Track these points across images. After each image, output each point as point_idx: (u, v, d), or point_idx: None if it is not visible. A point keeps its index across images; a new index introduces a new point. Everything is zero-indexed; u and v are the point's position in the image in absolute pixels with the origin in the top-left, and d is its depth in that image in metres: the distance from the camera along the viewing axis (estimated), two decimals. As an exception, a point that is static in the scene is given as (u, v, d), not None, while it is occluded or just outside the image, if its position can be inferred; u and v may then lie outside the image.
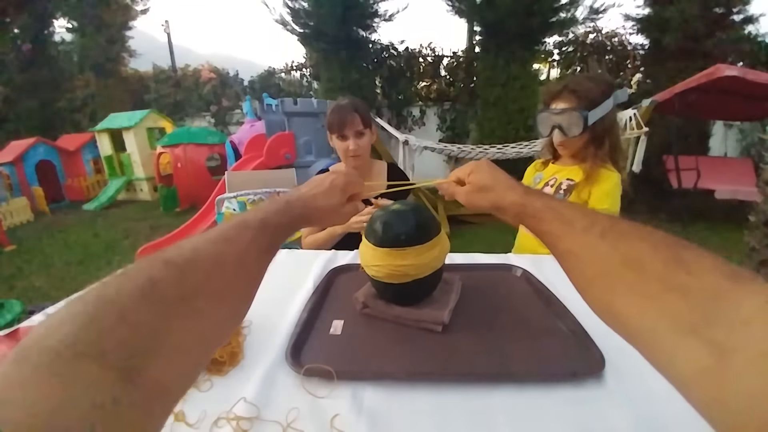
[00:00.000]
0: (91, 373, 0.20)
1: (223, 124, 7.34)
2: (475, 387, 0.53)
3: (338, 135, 1.24)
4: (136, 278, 0.26)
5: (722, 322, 0.23)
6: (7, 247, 3.76)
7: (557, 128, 1.12)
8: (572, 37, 6.15)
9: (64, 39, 7.60)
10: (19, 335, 0.63)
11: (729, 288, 0.24)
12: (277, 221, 0.40)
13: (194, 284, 0.28)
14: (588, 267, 0.34)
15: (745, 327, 0.22)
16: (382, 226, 0.66)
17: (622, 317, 0.29)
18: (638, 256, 0.30)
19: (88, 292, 0.24)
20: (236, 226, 0.36)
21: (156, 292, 0.25)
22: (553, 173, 1.24)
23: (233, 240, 0.34)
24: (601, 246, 0.33)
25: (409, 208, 0.69)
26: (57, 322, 0.22)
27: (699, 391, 0.23)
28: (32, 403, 0.18)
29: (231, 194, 1.80)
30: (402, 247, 0.64)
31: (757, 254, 1.61)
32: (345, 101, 1.25)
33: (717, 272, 0.26)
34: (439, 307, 0.68)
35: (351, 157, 1.24)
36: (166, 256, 0.29)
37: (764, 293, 0.23)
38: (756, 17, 4.81)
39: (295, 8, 5.36)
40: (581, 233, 0.35)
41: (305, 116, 4.15)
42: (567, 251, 0.36)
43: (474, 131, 5.89)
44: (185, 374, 0.27)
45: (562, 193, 1.18)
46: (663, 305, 0.26)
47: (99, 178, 6.37)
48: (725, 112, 4.39)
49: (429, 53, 6.60)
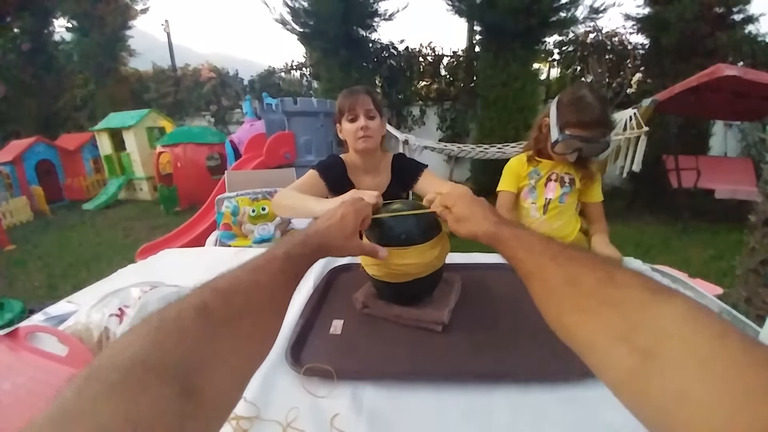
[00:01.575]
0: (157, 389, 0.22)
1: (223, 123, 7.34)
2: (474, 387, 0.53)
3: (349, 116, 1.15)
4: (192, 302, 0.30)
5: (646, 331, 0.26)
6: (7, 246, 3.76)
7: (578, 150, 1.16)
8: (572, 37, 6.15)
9: (64, 39, 7.58)
10: (19, 335, 0.63)
11: (652, 300, 0.28)
12: (299, 252, 0.45)
13: (238, 306, 0.33)
14: (541, 285, 0.39)
15: (665, 335, 0.25)
16: (383, 225, 0.66)
17: (570, 330, 0.34)
18: (577, 275, 0.34)
19: (152, 316, 0.27)
20: (266, 258, 0.41)
21: (208, 313, 0.29)
22: (549, 168, 1.27)
23: (264, 269, 0.39)
24: (551, 267, 0.38)
25: (409, 207, 0.68)
26: (125, 342, 0.25)
27: (628, 392, 0.27)
28: (104, 417, 0.19)
29: (231, 194, 1.80)
30: (403, 247, 0.64)
31: (757, 254, 1.61)
32: (355, 87, 1.20)
33: (643, 288, 0.29)
34: (439, 307, 0.68)
35: (361, 139, 1.15)
36: (213, 285, 0.33)
37: (682, 307, 0.26)
38: (756, 17, 4.81)
39: (295, 7, 5.35)
40: (538, 256, 0.41)
41: (305, 116, 4.14)
42: (528, 273, 0.41)
43: (474, 131, 5.89)
44: (233, 391, 0.30)
45: (567, 186, 1.26)
46: (598, 317, 0.30)
47: (99, 178, 6.37)
48: (725, 112, 4.38)
49: (429, 53, 6.60)
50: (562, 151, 1.18)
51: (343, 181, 1.21)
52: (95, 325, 0.56)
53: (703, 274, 0.94)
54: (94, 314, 0.58)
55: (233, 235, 1.77)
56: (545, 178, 1.28)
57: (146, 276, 0.74)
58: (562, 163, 1.25)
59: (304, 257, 0.46)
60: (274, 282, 0.39)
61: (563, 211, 1.28)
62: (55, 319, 0.70)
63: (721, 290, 1.01)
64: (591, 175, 1.25)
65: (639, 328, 0.27)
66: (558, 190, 1.27)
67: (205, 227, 3.48)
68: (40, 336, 0.64)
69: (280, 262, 0.41)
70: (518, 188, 1.32)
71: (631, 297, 0.29)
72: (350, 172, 1.25)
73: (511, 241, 0.46)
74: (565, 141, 1.14)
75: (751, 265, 1.63)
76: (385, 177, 1.28)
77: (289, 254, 0.43)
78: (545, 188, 1.29)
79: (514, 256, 0.44)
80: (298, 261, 0.44)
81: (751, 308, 1.59)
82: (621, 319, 0.28)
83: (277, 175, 2.07)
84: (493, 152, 4.00)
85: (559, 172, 1.26)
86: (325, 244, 0.51)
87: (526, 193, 1.31)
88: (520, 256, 0.43)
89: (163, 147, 5.30)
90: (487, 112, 5.36)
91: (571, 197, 1.27)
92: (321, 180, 1.17)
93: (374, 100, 1.17)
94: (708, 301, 0.78)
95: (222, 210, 1.78)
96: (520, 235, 0.46)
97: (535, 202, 1.30)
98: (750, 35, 4.88)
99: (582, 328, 0.32)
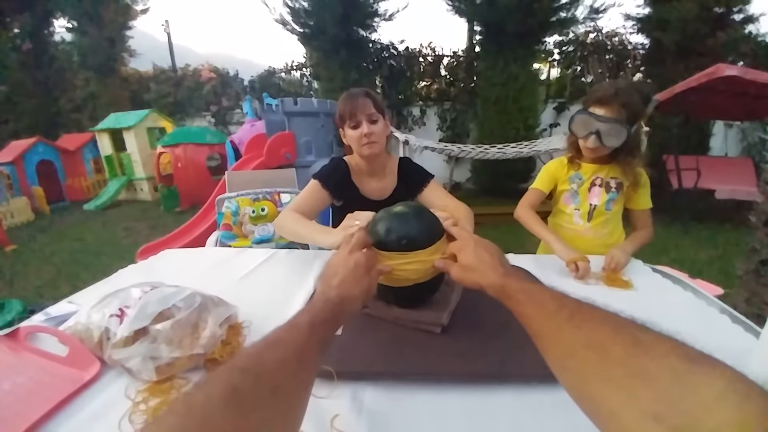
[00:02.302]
0: None
1: (223, 123, 7.35)
2: (474, 387, 0.53)
3: (351, 123, 1.12)
4: (220, 386, 0.29)
5: (683, 408, 0.24)
6: (8, 246, 3.76)
7: (595, 134, 1.08)
8: (572, 37, 6.16)
9: (64, 39, 7.59)
10: (20, 335, 0.63)
11: (687, 370, 0.25)
12: (323, 318, 0.44)
13: (267, 387, 0.32)
14: (557, 348, 0.36)
15: (707, 412, 0.23)
16: (385, 229, 0.64)
17: (593, 402, 0.31)
18: (600, 339, 0.32)
19: (176, 404, 0.27)
20: (289, 330, 0.40)
21: (237, 398, 0.29)
22: (593, 172, 1.20)
23: (289, 342, 0.38)
24: (567, 328, 0.35)
25: (411, 210, 0.66)
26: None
27: None
28: None
29: (231, 194, 1.80)
30: (403, 252, 0.62)
31: (757, 254, 1.61)
32: (355, 90, 1.15)
33: (675, 355, 0.27)
34: (439, 309, 0.68)
35: (366, 145, 1.11)
36: (240, 365, 0.33)
37: (724, 378, 0.24)
38: (756, 17, 4.81)
39: (295, 8, 5.36)
40: (552, 315, 0.38)
41: (305, 116, 4.14)
42: (539, 332, 0.39)
43: (474, 131, 5.89)
44: None
45: (614, 191, 1.18)
46: (627, 392, 0.27)
47: (99, 178, 6.37)
48: (725, 112, 4.39)
49: (429, 53, 6.60)
50: (579, 132, 1.12)
51: (347, 185, 1.19)
52: (95, 326, 0.56)
53: (703, 274, 0.95)
54: (95, 314, 0.58)
55: (234, 236, 1.77)
56: (589, 182, 1.20)
57: (146, 276, 0.74)
58: (607, 167, 1.18)
59: (328, 322, 0.44)
60: (302, 354, 0.38)
61: (610, 219, 1.21)
62: (56, 320, 0.70)
63: (721, 290, 1.00)
64: (637, 176, 1.15)
65: (676, 405, 0.24)
66: (603, 195, 1.19)
67: (206, 228, 3.49)
68: (41, 336, 0.64)
69: (305, 333, 0.40)
70: (554, 190, 1.27)
71: (663, 367, 0.26)
72: (354, 175, 1.22)
73: (520, 295, 0.43)
74: (581, 117, 1.10)
75: (752, 265, 1.63)
76: (391, 180, 1.25)
77: (314, 322, 0.42)
78: (589, 193, 1.21)
79: (524, 312, 0.42)
80: (323, 327, 0.43)
81: (751, 308, 1.59)
82: (654, 396, 0.25)
83: (278, 176, 2.07)
84: (494, 152, 4.00)
85: (604, 176, 1.19)
86: (346, 302, 0.49)
87: (568, 198, 1.24)
88: (529, 313, 0.41)
89: (163, 147, 5.30)
90: (487, 112, 5.37)
91: (617, 204, 1.19)
92: (323, 190, 1.15)
93: (375, 102, 1.13)
94: (709, 301, 0.78)
95: (222, 210, 1.78)
96: (529, 290, 0.43)
97: (579, 209, 1.22)
98: (750, 35, 4.88)
99: (608, 401, 0.29)
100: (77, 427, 0.46)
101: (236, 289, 0.86)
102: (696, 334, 0.68)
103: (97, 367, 0.55)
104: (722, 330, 0.66)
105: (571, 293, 0.40)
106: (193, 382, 0.40)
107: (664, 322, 0.67)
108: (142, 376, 0.52)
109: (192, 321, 0.58)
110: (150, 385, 0.52)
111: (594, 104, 1.09)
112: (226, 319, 0.62)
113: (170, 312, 0.57)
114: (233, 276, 0.93)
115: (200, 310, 0.60)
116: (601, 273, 0.95)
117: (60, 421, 0.47)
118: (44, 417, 0.47)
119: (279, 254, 1.08)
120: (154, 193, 5.93)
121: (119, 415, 0.47)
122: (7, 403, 0.49)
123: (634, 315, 0.33)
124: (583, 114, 1.10)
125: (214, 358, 0.56)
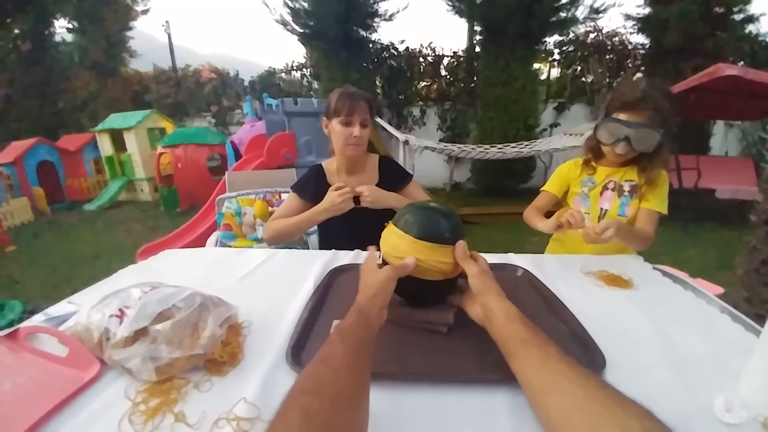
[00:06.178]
0: None
1: (224, 124, 7.35)
2: (475, 387, 0.53)
3: (344, 120, 1.16)
4: (293, 415, 0.33)
5: None
6: (8, 247, 3.76)
7: (624, 140, 1.04)
8: (572, 37, 6.16)
9: (64, 39, 7.60)
10: (20, 335, 0.63)
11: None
12: (352, 322, 0.51)
13: (331, 400, 0.36)
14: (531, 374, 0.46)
15: None
16: (428, 220, 0.64)
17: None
18: None
19: None
20: (332, 347, 0.45)
21: (310, 421, 0.32)
22: (606, 175, 1.17)
23: (336, 356, 0.43)
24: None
25: (445, 208, 0.68)
26: None
27: None
28: None
29: (231, 194, 1.80)
30: (446, 244, 0.63)
31: (758, 253, 1.61)
32: (353, 89, 1.20)
33: None
34: (445, 308, 0.68)
35: (351, 146, 1.18)
36: (303, 388, 0.37)
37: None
38: (756, 17, 4.81)
39: (295, 8, 5.36)
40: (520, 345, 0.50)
41: (305, 116, 4.15)
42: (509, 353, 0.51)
43: (474, 131, 5.89)
44: None
45: (627, 195, 1.14)
46: None
47: (99, 179, 6.38)
48: (726, 112, 4.38)
49: (429, 53, 6.60)
50: (606, 140, 1.07)
51: (323, 190, 1.18)
52: (95, 326, 0.56)
53: (703, 274, 0.94)
54: (95, 315, 0.57)
55: (234, 236, 1.77)
56: (601, 186, 1.17)
57: (147, 276, 0.74)
58: (621, 170, 1.15)
59: (365, 326, 0.51)
60: (351, 358, 0.43)
61: None
62: (56, 320, 0.70)
63: (721, 290, 1.00)
64: (654, 178, 1.11)
65: None
66: (615, 200, 1.15)
67: (206, 228, 3.49)
68: (41, 337, 0.64)
69: (351, 337, 0.46)
70: (566, 193, 1.24)
71: None
72: (330, 177, 1.28)
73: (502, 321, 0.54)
74: (607, 125, 1.05)
75: (752, 265, 1.63)
76: (371, 177, 1.29)
77: (360, 332, 0.48)
78: (600, 197, 1.17)
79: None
80: (357, 332, 0.49)
81: (751, 308, 1.59)
82: None
83: (278, 176, 2.07)
84: (494, 152, 4.00)
85: (618, 179, 1.15)
86: (372, 311, 0.54)
87: (578, 202, 1.21)
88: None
89: (163, 148, 5.30)
90: (487, 112, 5.37)
91: (633, 207, 1.14)
92: (300, 200, 1.24)
93: (371, 109, 1.20)
94: (709, 300, 0.78)
95: (222, 210, 1.78)
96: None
97: (589, 212, 1.18)
98: (750, 35, 4.88)
99: None
100: (77, 428, 0.46)
101: (236, 289, 0.86)
102: (696, 333, 0.68)
103: (97, 367, 0.55)
104: (722, 329, 0.66)
105: (567, 299, 0.42)
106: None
107: (664, 321, 0.67)
108: (142, 377, 0.52)
109: (192, 321, 0.58)
110: (150, 386, 0.52)
111: (619, 109, 1.05)
112: (226, 319, 0.62)
113: (170, 312, 0.57)
114: (233, 276, 0.93)
115: (200, 311, 0.60)
116: (598, 273, 0.94)
117: (60, 421, 0.47)
118: (44, 417, 0.47)
119: (279, 254, 1.08)
120: (155, 193, 5.93)
121: (119, 416, 0.47)
122: (7, 404, 0.49)
123: (634, 314, 0.33)
124: (610, 121, 1.05)
125: (213, 358, 0.56)
